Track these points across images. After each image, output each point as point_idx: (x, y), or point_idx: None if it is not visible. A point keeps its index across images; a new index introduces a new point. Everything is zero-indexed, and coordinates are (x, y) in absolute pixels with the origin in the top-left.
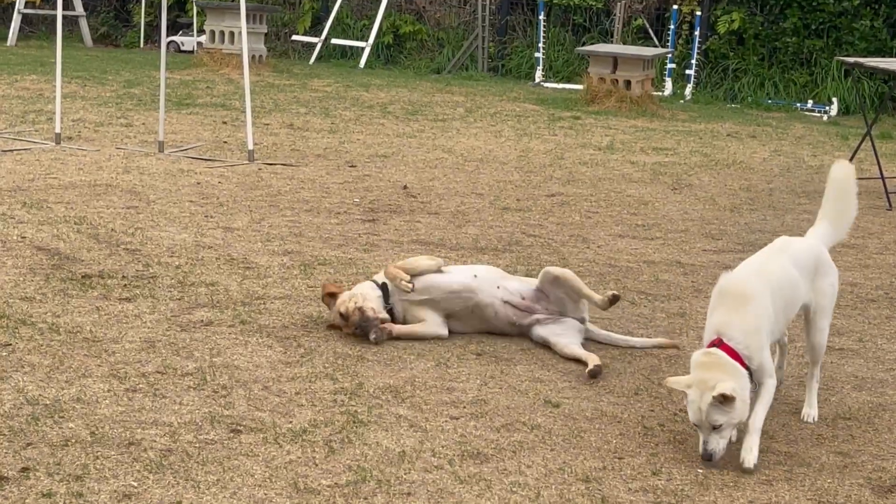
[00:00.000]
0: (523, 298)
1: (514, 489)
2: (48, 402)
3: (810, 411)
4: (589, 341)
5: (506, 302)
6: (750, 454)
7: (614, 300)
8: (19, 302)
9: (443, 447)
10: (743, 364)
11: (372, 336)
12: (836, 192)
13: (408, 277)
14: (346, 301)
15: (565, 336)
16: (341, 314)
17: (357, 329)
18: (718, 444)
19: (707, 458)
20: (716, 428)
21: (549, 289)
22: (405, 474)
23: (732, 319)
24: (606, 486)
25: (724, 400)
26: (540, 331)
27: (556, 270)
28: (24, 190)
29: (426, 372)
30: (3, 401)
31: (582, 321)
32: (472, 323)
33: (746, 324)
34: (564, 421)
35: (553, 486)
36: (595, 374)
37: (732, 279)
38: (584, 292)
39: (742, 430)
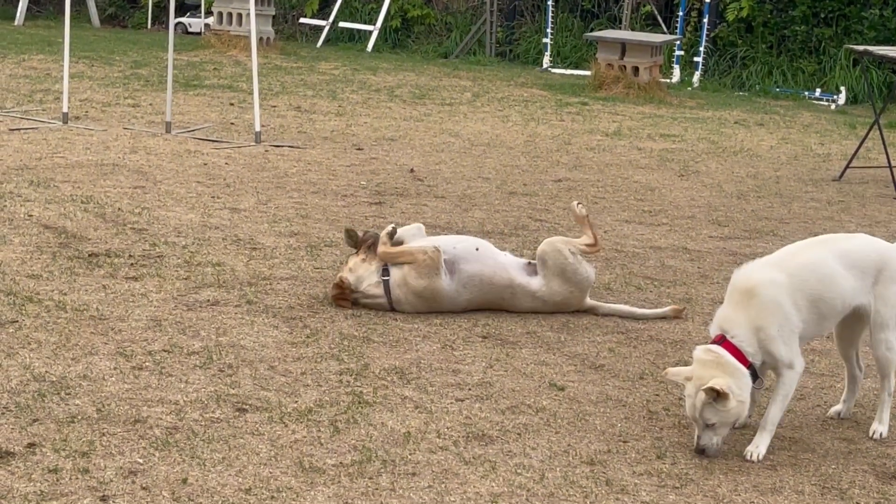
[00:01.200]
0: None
1: (519, 471)
2: (55, 379)
3: (878, 427)
4: (593, 316)
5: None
6: (756, 449)
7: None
8: (26, 279)
9: (448, 428)
10: (745, 362)
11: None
12: None
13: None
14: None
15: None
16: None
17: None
18: (712, 440)
19: (700, 452)
20: (709, 426)
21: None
22: (410, 455)
23: (736, 315)
24: (611, 470)
25: (717, 397)
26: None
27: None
28: (31, 169)
29: (432, 354)
30: (10, 377)
31: None
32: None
33: (749, 320)
34: (569, 404)
35: (558, 469)
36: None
37: (740, 272)
38: (577, 244)
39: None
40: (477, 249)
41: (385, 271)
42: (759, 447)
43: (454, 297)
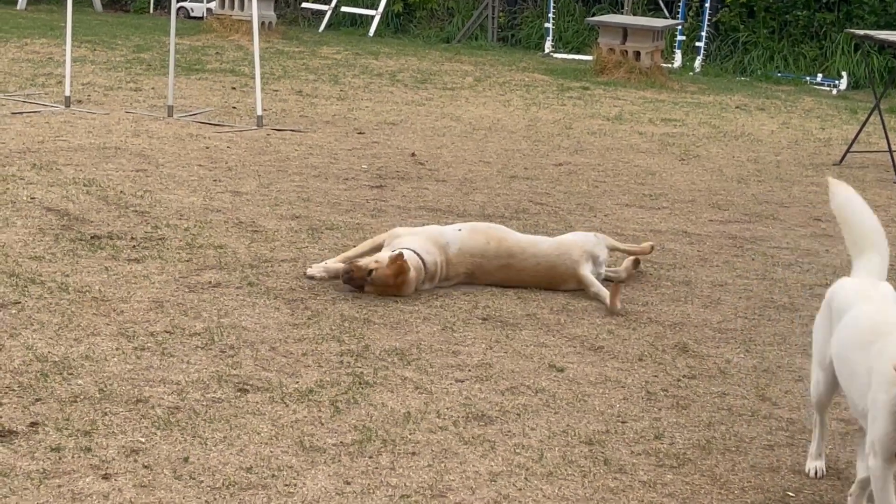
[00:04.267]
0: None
1: (518, 451)
2: (57, 360)
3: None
4: (591, 298)
5: None
6: None
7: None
8: (28, 261)
9: (448, 409)
10: None
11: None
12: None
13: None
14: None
15: None
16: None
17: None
18: None
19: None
20: None
21: None
22: (410, 434)
23: None
24: (609, 449)
25: None
26: None
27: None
28: (33, 152)
29: (432, 335)
30: (13, 357)
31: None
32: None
33: None
34: (569, 385)
35: (556, 449)
36: None
37: None
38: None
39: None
40: None
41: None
42: None
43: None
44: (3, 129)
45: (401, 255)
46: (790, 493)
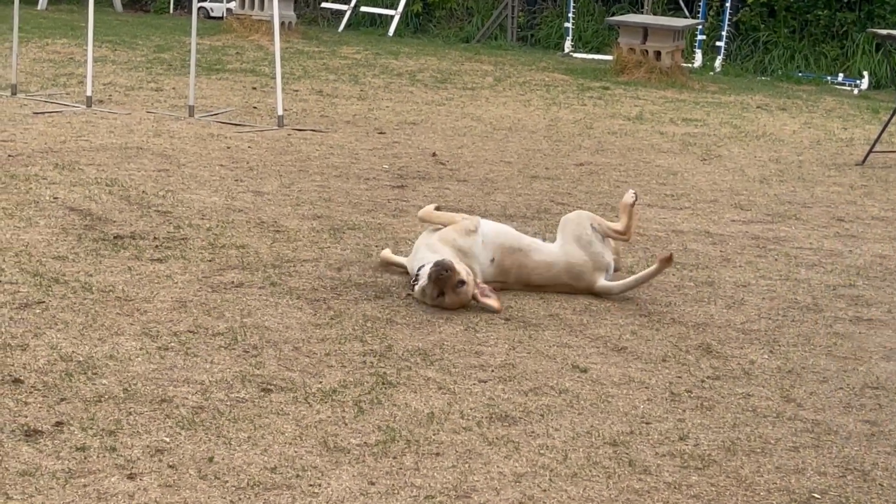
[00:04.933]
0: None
1: (542, 451)
2: (81, 359)
3: None
4: (615, 299)
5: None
6: None
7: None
8: (52, 261)
9: (471, 409)
10: None
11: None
12: None
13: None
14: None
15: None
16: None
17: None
18: None
19: None
20: None
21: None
22: (434, 435)
23: None
24: (633, 450)
25: None
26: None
27: (572, 214)
28: (56, 152)
29: (455, 335)
30: (38, 357)
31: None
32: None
33: None
34: (592, 386)
35: (581, 450)
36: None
37: None
38: (606, 225)
39: None
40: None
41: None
42: None
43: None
44: (26, 129)
45: (492, 294)
46: (816, 496)
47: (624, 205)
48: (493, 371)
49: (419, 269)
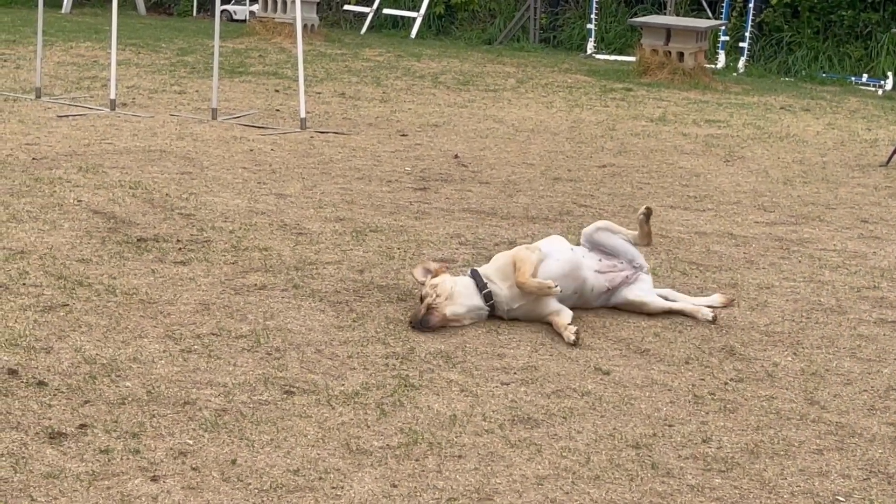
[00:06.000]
0: (601, 261)
1: (565, 454)
2: (105, 362)
3: None
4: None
5: (596, 270)
6: None
7: (648, 214)
8: (76, 264)
9: (493, 412)
10: None
11: (413, 324)
12: None
13: (551, 284)
14: (433, 289)
15: (652, 293)
16: (421, 296)
17: (412, 320)
18: None
19: None
20: None
21: (602, 242)
22: (456, 437)
23: None
24: (657, 453)
25: None
26: (628, 293)
27: (598, 223)
28: (79, 155)
29: (477, 338)
30: (62, 359)
31: (644, 269)
32: (569, 303)
33: None
34: (615, 388)
35: (603, 452)
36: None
37: None
38: (627, 232)
39: None
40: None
41: (483, 286)
42: None
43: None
44: (50, 132)
45: None
46: (840, 498)
47: (641, 224)
48: (515, 373)
49: None
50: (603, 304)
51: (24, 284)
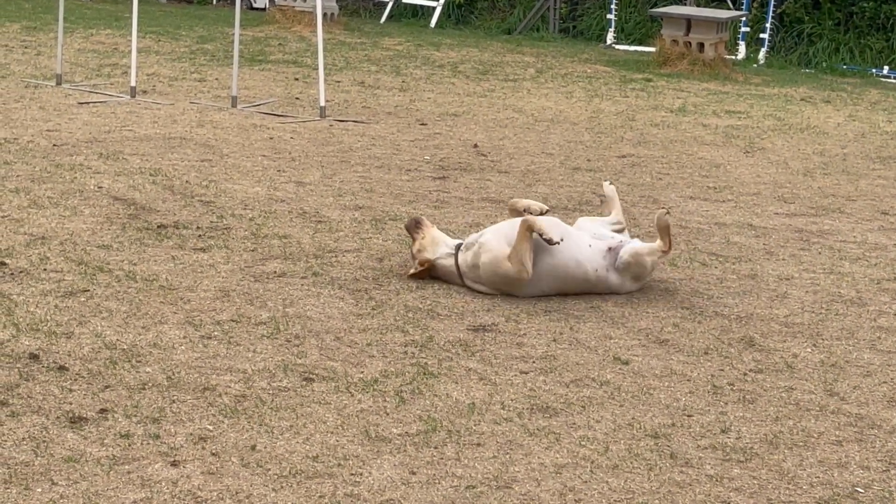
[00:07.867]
0: (593, 236)
1: (583, 443)
2: (125, 347)
3: None
4: (657, 291)
5: (593, 235)
6: None
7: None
8: (97, 250)
9: (512, 400)
10: None
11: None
12: None
13: (544, 207)
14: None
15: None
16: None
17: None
18: None
19: None
20: None
21: (586, 230)
22: (475, 426)
23: None
24: (675, 443)
25: None
26: (630, 247)
27: (577, 221)
28: (100, 141)
29: (496, 327)
30: (82, 344)
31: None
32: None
33: None
34: (633, 378)
35: (622, 441)
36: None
37: None
38: (604, 218)
39: None
40: (561, 241)
41: (457, 247)
42: None
43: (530, 287)
44: (71, 119)
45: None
46: (859, 489)
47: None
48: (534, 362)
49: None
50: (610, 265)
51: (45, 270)
